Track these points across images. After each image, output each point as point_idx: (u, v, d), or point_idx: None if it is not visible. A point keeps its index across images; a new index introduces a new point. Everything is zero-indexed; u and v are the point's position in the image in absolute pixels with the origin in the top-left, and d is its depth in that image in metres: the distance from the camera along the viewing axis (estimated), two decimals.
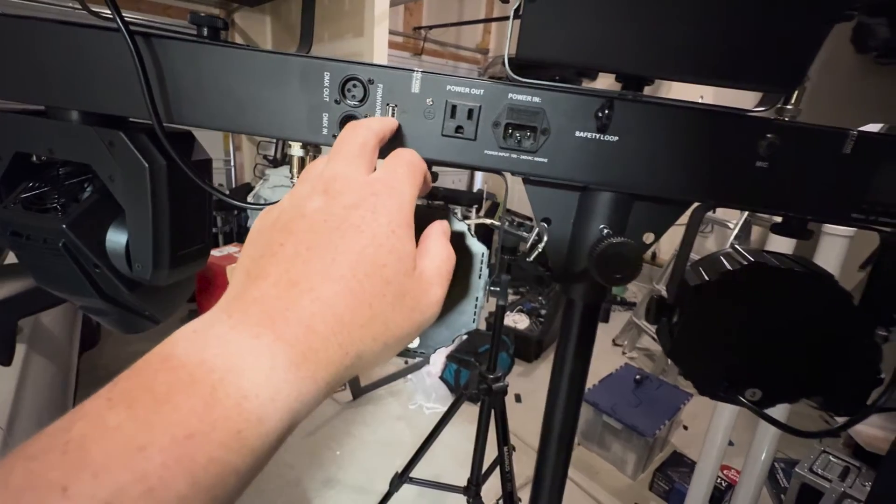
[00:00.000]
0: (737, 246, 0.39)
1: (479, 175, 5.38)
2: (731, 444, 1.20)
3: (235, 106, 0.32)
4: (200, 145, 0.38)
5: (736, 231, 2.15)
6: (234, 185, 3.39)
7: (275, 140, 3.64)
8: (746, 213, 1.91)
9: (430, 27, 4.04)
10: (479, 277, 0.37)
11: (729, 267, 0.36)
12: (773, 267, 0.34)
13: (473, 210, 3.50)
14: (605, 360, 2.46)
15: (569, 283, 0.36)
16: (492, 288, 0.37)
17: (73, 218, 0.33)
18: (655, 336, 2.54)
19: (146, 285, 0.39)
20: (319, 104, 0.32)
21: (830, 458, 1.40)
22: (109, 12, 0.30)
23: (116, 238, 0.36)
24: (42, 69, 0.32)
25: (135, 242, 0.35)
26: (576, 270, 0.35)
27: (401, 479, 1.18)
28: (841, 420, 0.37)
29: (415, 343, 0.38)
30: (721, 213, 2.59)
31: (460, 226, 0.36)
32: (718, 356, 0.37)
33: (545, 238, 0.35)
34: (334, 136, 0.32)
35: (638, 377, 1.94)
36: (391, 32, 2.82)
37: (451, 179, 5.18)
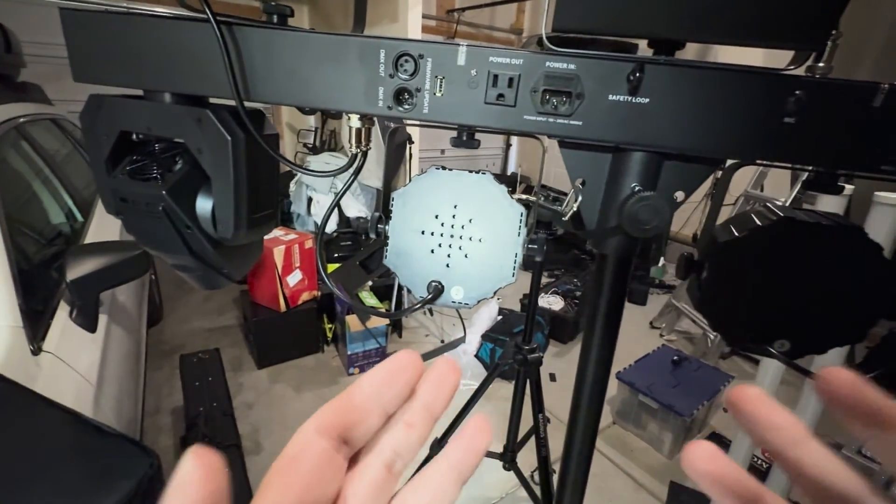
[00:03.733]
0: (769, 204, 0.40)
1: (512, 159, 5.35)
2: None
3: (302, 82, 0.37)
4: (270, 121, 0.43)
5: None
6: None
7: (313, 129, 3.76)
8: (796, 190, 1.82)
9: (464, 9, 4.00)
10: (518, 235, 0.40)
11: (759, 223, 0.37)
12: (802, 221, 0.36)
13: None
14: (642, 343, 2.44)
15: (601, 238, 0.39)
16: (530, 245, 0.40)
17: (171, 185, 0.39)
18: (695, 318, 2.45)
19: (225, 246, 0.45)
20: (375, 79, 0.35)
21: None
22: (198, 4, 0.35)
23: (203, 203, 0.42)
24: (140, 58, 0.38)
25: (219, 206, 0.41)
26: (607, 226, 0.38)
27: (440, 443, 1.24)
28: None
29: (459, 295, 0.42)
30: (769, 191, 2.47)
31: (500, 188, 0.40)
32: (747, 309, 0.39)
33: (579, 198, 0.38)
34: (389, 108, 0.36)
35: (676, 358, 1.92)
36: (424, 16, 2.82)
37: (485, 164, 5.17)
